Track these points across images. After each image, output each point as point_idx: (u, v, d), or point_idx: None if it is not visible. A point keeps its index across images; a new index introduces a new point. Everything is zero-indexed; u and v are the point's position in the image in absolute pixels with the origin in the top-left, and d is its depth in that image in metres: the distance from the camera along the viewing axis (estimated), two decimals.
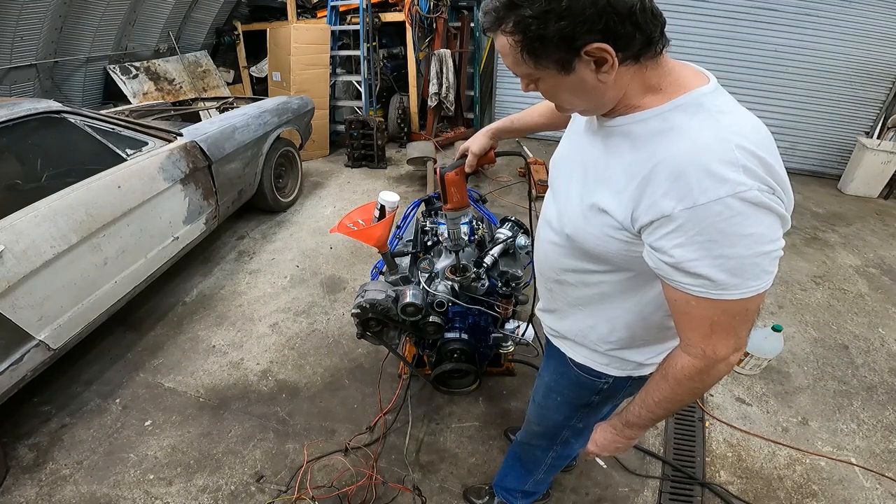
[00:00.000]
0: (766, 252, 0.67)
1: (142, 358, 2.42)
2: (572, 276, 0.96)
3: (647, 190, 0.70)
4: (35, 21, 3.76)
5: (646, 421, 0.91)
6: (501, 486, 1.63)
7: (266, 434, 2.03)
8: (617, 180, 0.76)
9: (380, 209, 1.65)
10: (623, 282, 0.89)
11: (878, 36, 4.73)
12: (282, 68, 4.96)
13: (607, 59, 0.67)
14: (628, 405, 0.94)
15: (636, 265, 0.81)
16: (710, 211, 0.64)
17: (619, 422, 0.96)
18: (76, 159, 2.26)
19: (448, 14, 5.18)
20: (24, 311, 1.82)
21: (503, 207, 4.01)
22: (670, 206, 0.67)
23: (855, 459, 1.96)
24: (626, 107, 0.77)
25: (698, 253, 0.67)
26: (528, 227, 1.84)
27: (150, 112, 3.74)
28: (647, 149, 0.72)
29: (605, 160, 0.80)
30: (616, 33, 0.65)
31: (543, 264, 1.05)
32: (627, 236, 0.77)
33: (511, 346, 1.92)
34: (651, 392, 0.86)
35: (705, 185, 0.64)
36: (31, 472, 1.85)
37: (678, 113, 0.72)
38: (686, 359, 0.77)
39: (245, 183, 3.35)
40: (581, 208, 0.83)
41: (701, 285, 0.69)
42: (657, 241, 0.71)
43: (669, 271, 0.72)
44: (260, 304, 2.84)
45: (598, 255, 0.85)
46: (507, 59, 0.74)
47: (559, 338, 1.12)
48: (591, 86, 0.72)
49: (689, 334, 0.76)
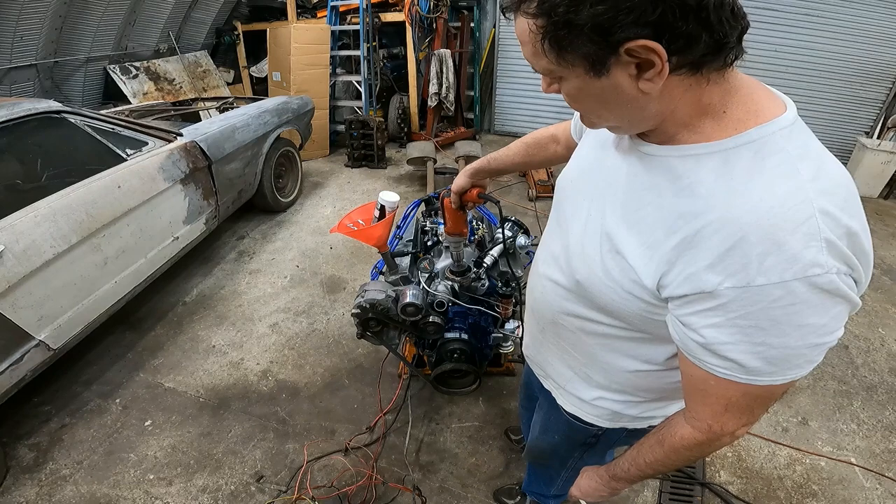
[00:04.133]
0: (819, 344, 0.55)
1: (142, 358, 2.42)
2: (573, 321, 0.83)
3: (688, 254, 0.57)
4: (35, 21, 3.76)
5: (633, 478, 0.84)
6: (530, 489, 1.61)
7: (266, 434, 2.03)
8: (650, 229, 0.62)
9: (380, 209, 1.65)
10: (633, 339, 0.76)
11: (878, 36, 4.73)
12: (282, 68, 4.96)
13: (655, 62, 0.50)
14: (618, 458, 0.88)
15: (655, 329, 0.70)
16: (766, 295, 0.52)
17: (606, 473, 0.90)
18: (76, 159, 2.26)
19: (448, 14, 5.18)
20: (24, 311, 1.82)
21: (503, 207, 4.00)
22: (715, 281, 0.54)
23: (855, 459, 1.96)
24: (672, 128, 0.60)
25: (736, 337, 0.56)
26: (528, 227, 1.84)
27: (150, 112, 3.74)
28: (699, 199, 0.57)
29: (640, 196, 0.64)
30: (674, 30, 0.48)
31: (540, 303, 0.91)
32: (651, 297, 0.64)
33: (511, 346, 1.92)
34: (644, 453, 0.79)
35: (769, 262, 0.51)
36: (31, 472, 1.85)
37: (746, 152, 0.55)
38: (688, 430, 0.70)
39: (245, 183, 3.35)
40: (600, 252, 0.69)
41: (728, 368, 0.59)
42: (687, 317, 0.59)
43: (694, 348, 0.61)
44: (260, 304, 2.84)
45: (613, 311, 0.72)
46: (526, 49, 0.58)
47: (546, 379, 1.04)
48: (627, 96, 0.55)
49: (699, 408, 0.67)
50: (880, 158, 4.66)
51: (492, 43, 5.69)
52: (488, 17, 5.64)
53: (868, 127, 5.16)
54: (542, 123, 5.95)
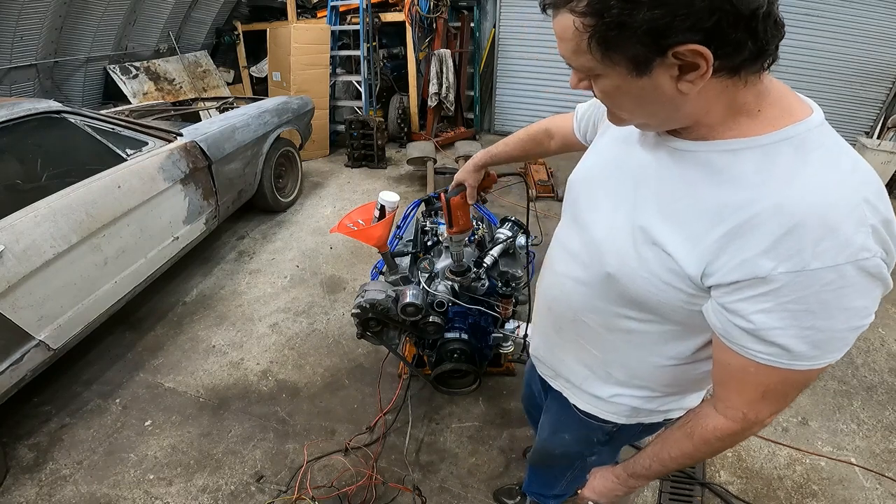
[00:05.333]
0: (859, 326, 0.57)
1: (142, 358, 2.42)
2: (597, 318, 0.82)
3: (739, 242, 0.58)
4: (35, 21, 3.76)
5: (654, 474, 0.83)
6: (530, 490, 1.61)
7: (266, 434, 2.03)
8: (689, 220, 0.62)
9: (380, 209, 1.65)
10: (662, 333, 0.76)
11: (878, 36, 4.73)
12: (282, 68, 4.96)
13: (700, 65, 0.52)
14: (636, 455, 0.86)
15: (689, 319, 0.70)
16: (819, 279, 0.53)
17: (624, 472, 0.89)
18: (76, 159, 2.26)
19: (448, 14, 5.18)
20: (24, 311, 1.82)
21: (503, 207, 4.01)
22: (769, 266, 0.55)
23: (855, 459, 1.96)
24: (707, 126, 0.61)
25: (786, 322, 0.57)
26: (528, 227, 1.84)
27: (150, 112, 3.75)
28: (745, 190, 0.58)
29: (674, 190, 0.65)
30: (724, 37, 0.50)
31: (559, 302, 0.90)
32: (691, 288, 0.64)
33: (511, 346, 1.92)
34: (668, 447, 0.78)
35: (823, 247, 0.52)
36: (31, 472, 1.85)
37: (786, 147, 0.57)
38: (721, 420, 0.70)
39: (245, 183, 3.35)
40: (633, 244, 0.68)
41: (773, 354, 0.60)
42: (735, 304, 0.60)
43: (738, 335, 0.61)
44: (260, 304, 2.84)
45: (644, 301, 0.71)
46: (566, 45, 0.58)
47: (557, 378, 1.03)
48: (665, 96, 0.56)
49: (733, 396, 0.68)
50: (880, 158, 4.66)
51: (492, 43, 5.69)
52: (488, 17, 5.64)
53: (868, 127, 5.16)
54: None
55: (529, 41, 5.56)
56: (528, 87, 5.83)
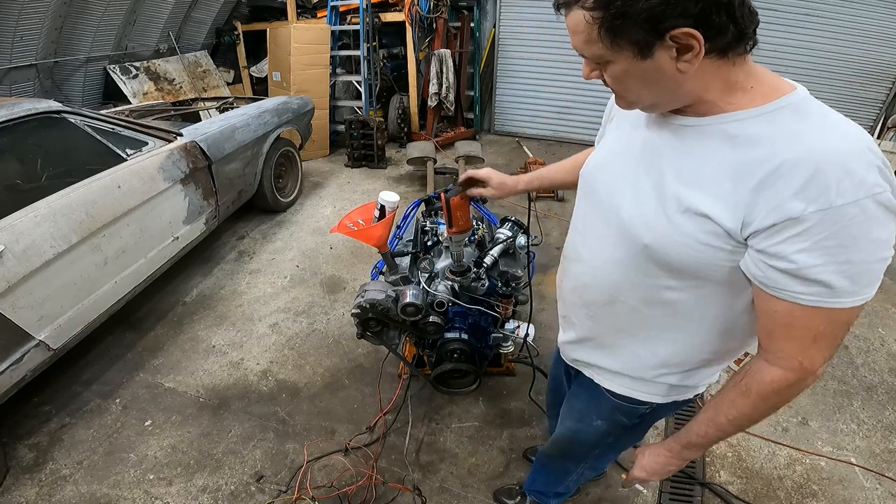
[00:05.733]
0: (885, 258, 0.64)
1: (142, 358, 2.42)
2: (635, 294, 0.86)
3: (769, 191, 0.64)
4: (35, 21, 3.76)
5: (711, 441, 0.85)
6: (531, 489, 1.62)
7: (266, 434, 2.03)
8: (716, 183, 0.69)
9: (380, 209, 1.65)
10: (701, 297, 0.80)
11: (878, 36, 4.73)
12: (282, 68, 4.96)
13: (693, 46, 0.62)
14: (688, 426, 0.87)
15: (725, 276, 0.74)
16: (845, 214, 0.60)
17: (678, 444, 0.90)
18: (76, 159, 2.26)
19: (448, 14, 5.18)
20: (24, 311, 1.82)
21: (503, 207, 4.01)
22: (800, 207, 0.61)
23: (855, 459, 1.96)
24: (708, 102, 0.70)
25: (824, 259, 0.62)
26: (528, 227, 1.84)
27: (150, 112, 3.74)
28: (762, 148, 0.66)
29: (693, 160, 0.73)
30: (709, 21, 0.61)
31: (591, 289, 0.94)
32: (729, 244, 0.70)
33: (511, 346, 1.92)
34: (725, 410, 0.80)
35: (844, 185, 0.60)
36: (31, 472, 1.85)
37: (785, 113, 0.67)
38: (777, 372, 0.72)
39: (245, 183, 3.35)
40: (665, 214, 0.75)
41: (816, 294, 0.65)
42: (775, 246, 0.65)
43: (781, 279, 0.66)
44: (260, 304, 2.84)
45: (684, 265, 0.76)
46: (578, 38, 0.69)
47: (589, 367, 1.05)
48: (667, 75, 0.67)
49: (784, 345, 0.71)
50: None
51: (492, 43, 5.69)
52: (488, 17, 5.64)
53: (868, 127, 5.16)
54: (542, 123, 5.97)
55: (529, 41, 5.56)
56: (528, 87, 5.83)
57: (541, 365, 2.06)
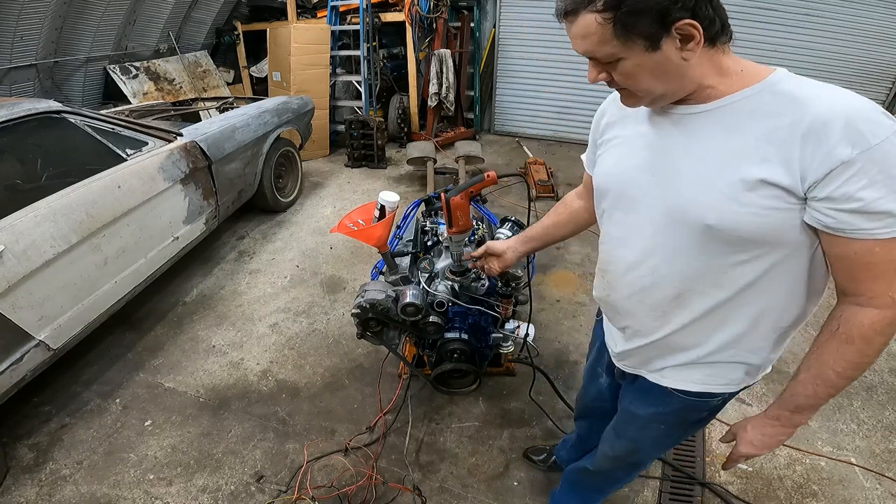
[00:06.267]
0: None
1: (142, 358, 2.42)
2: (704, 279, 0.86)
3: (813, 144, 0.70)
4: (35, 21, 3.76)
5: (822, 399, 0.85)
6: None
7: (266, 434, 2.03)
8: (757, 151, 0.74)
9: (380, 209, 1.65)
10: (769, 266, 0.82)
11: (878, 36, 4.73)
12: (282, 68, 4.96)
13: (694, 35, 0.71)
14: (790, 390, 0.87)
15: (792, 237, 0.78)
16: (883, 150, 0.67)
17: (785, 410, 0.89)
18: (76, 159, 2.26)
19: (448, 14, 5.18)
20: (24, 311, 1.82)
21: (503, 207, 4.00)
22: (847, 152, 0.68)
23: (855, 459, 1.96)
24: (708, 89, 0.78)
25: (883, 190, 0.68)
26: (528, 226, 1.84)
27: (150, 112, 3.75)
28: (783, 115, 0.73)
29: (720, 139, 0.78)
30: (701, 13, 0.70)
31: (652, 291, 0.93)
32: (793, 202, 0.74)
33: (511, 346, 1.92)
34: (830, 363, 0.80)
35: (872, 127, 0.67)
36: (31, 472, 1.85)
37: (785, 85, 0.74)
38: (873, 312, 0.75)
39: (245, 183, 3.35)
40: (720, 191, 0.78)
41: (888, 224, 0.69)
42: (838, 190, 0.70)
43: (853, 219, 0.70)
44: (260, 304, 2.84)
45: (751, 234, 0.78)
46: (589, 41, 0.75)
47: (652, 371, 1.03)
48: (674, 65, 0.74)
49: (872, 285, 0.74)
50: None
51: (492, 43, 5.69)
52: (488, 17, 5.64)
53: None
54: (542, 123, 5.96)
55: (529, 41, 5.56)
56: (528, 87, 5.83)
57: (541, 365, 2.06)
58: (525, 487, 1.83)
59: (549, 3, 5.46)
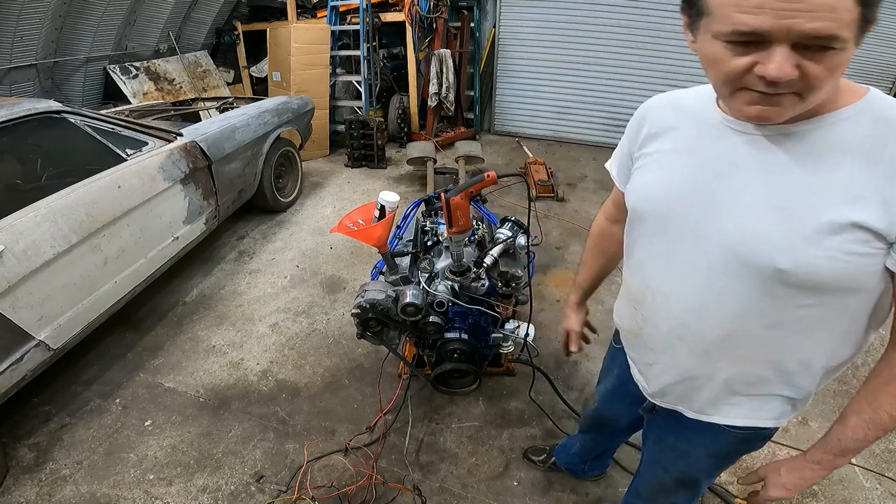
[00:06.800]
0: None
1: (142, 358, 2.42)
2: (760, 321, 0.77)
3: None
4: (35, 21, 3.76)
5: (870, 443, 0.78)
6: None
7: (266, 434, 2.03)
8: (853, 187, 0.65)
9: (380, 209, 1.65)
10: (834, 310, 0.74)
11: (878, 36, 4.73)
12: (282, 68, 4.96)
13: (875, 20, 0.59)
14: (838, 433, 0.81)
15: (870, 283, 0.70)
16: None
17: (829, 454, 0.82)
18: (76, 159, 2.26)
19: (448, 14, 5.18)
20: (24, 311, 1.82)
21: (503, 207, 4.00)
22: None
23: (855, 459, 1.96)
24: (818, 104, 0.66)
25: None
26: (528, 227, 1.84)
27: (150, 112, 3.75)
28: (891, 143, 0.63)
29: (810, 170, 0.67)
30: None
31: (696, 329, 0.84)
32: (880, 247, 0.65)
33: (511, 346, 1.92)
34: (887, 407, 0.74)
35: None
36: (31, 472, 1.85)
37: (888, 110, 0.66)
38: None
39: (245, 183, 3.35)
40: (801, 232, 0.67)
41: None
42: None
43: None
44: (260, 304, 2.84)
45: (827, 281, 0.69)
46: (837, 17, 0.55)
47: (694, 410, 0.95)
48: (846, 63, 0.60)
49: None
50: None
51: (492, 43, 5.69)
52: (488, 17, 5.64)
53: None
54: (542, 123, 5.96)
55: (529, 41, 5.56)
56: (528, 87, 5.83)
57: (541, 365, 2.06)
58: (525, 487, 1.83)
59: (550, 3, 5.52)
